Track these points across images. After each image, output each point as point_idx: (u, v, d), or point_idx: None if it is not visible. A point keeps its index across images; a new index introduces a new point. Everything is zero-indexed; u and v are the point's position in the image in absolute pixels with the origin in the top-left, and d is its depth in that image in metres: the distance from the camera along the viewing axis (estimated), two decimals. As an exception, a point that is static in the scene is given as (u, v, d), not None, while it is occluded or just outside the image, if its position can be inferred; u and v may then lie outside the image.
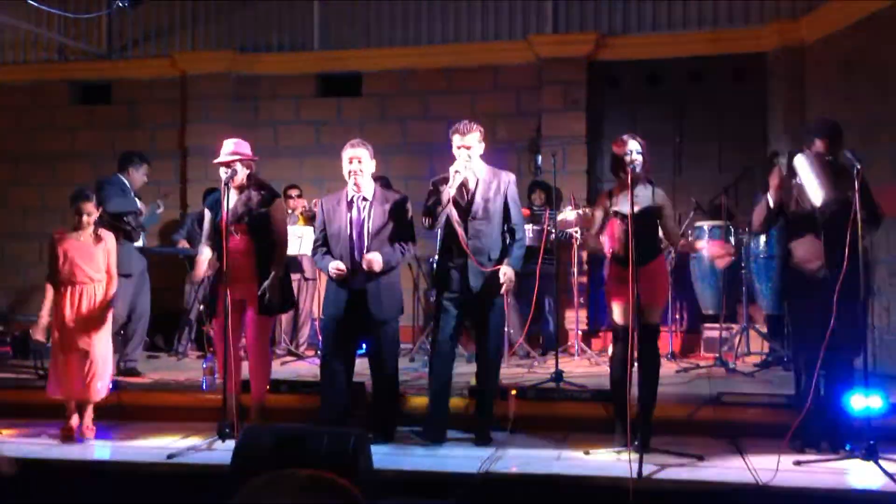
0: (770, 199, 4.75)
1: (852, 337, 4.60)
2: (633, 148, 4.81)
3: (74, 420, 5.25)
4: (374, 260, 4.97)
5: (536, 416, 5.44)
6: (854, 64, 7.30)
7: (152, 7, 8.88)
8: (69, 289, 5.26)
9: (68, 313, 5.24)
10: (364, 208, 5.11)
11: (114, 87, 9.59)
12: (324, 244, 5.18)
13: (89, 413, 5.31)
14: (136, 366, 6.67)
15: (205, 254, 5.40)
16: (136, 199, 6.85)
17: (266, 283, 5.18)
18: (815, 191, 4.57)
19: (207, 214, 5.48)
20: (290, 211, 8.05)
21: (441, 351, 5.07)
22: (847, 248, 4.34)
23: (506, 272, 4.94)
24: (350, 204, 5.12)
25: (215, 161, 5.30)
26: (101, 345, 5.30)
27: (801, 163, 4.64)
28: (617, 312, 4.88)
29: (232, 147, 5.31)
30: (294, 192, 8.17)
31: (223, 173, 5.15)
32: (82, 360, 5.20)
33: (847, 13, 7.39)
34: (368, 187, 5.15)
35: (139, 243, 6.77)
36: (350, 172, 5.08)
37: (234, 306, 5.17)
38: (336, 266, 5.01)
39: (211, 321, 5.41)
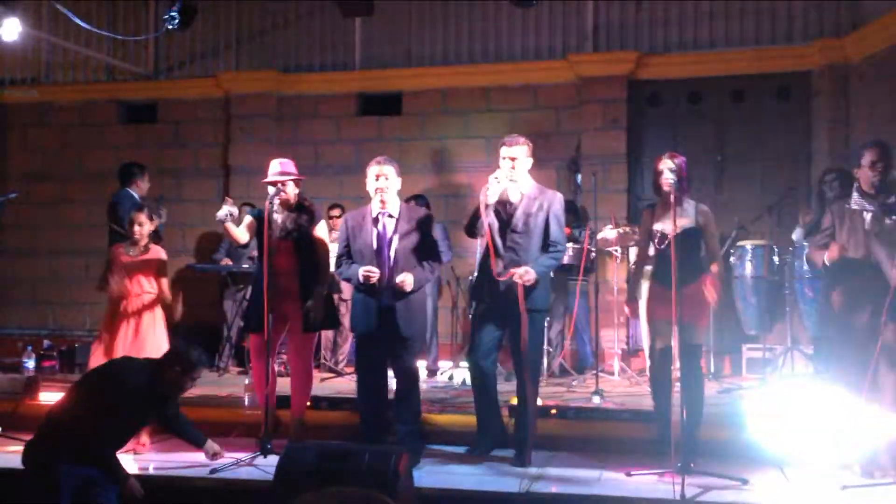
0: (827, 260, 4.68)
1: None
2: (666, 167, 4.80)
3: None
4: (407, 281, 4.99)
5: (577, 437, 5.41)
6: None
7: (197, 29, 9.04)
8: (122, 302, 5.36)
9: (122, 327, 5.33)
10: (390, 225, 5.13)
11: (160, 107, 9.78)
12: (347, 258, 5.21)
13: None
14: None
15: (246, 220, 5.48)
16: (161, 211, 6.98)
17: (311, 301, 5.23)
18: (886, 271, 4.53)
19: (249, 218, 5.50)
20: (333, 231, 8.16)
21: (476, 361, 5.07)
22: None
23: (523, 269, 4.85)
24: (375, 220, 5.14)
25: (264, 180, 5.38)
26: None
27: (864, 215, 4.60)
28: (656, 332, 4.86)
29: (279, 167, 5.38)
30: (335, 213, 8.27)
31: (271, 191, 5.23)
32: None
33: (892, 32, 7.31)
34: (394, 204, 5.17)
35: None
36: (377, 189, 5.10)
37: (276, 323, 5.22)
38: (365, 269, 4.99)
39: (248, 336, 5.46)
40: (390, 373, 5.29)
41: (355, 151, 9.23)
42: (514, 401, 5.24)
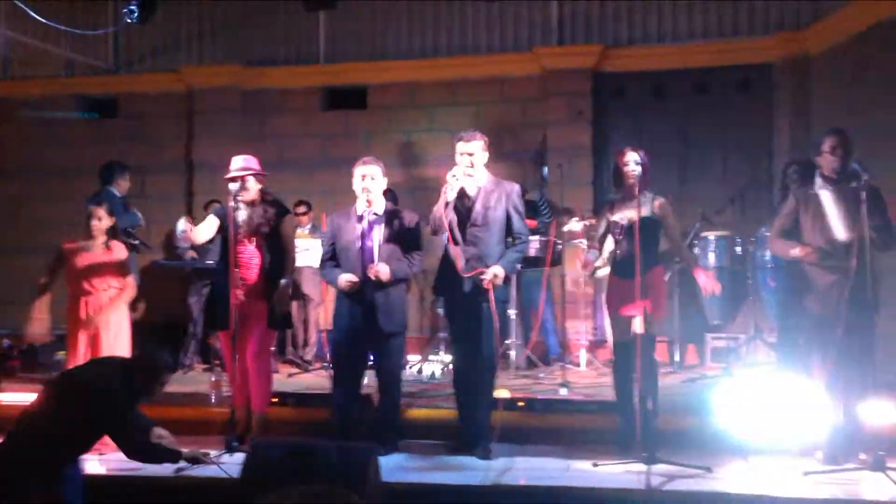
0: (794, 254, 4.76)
1: (864, 349, 4.59)
2: (632, 159, 4.88)
3: None
4: (382, 270, 4.99)
5: (544, 429, 5.44)
6: (859, 75, 7.31)
7: (159, 22, 8.92)
8: (83, 300, 5.29)
9: (80, 325, 5.25)
10: (375, 224, 5.14)
11: (121, 102, 9.64)
12: (332, 258, 5.20)
13: None
14: None
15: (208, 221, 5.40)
16: (138, 213, 6.91)
17: (277, 297, 5.22)
18: (838, 227, 4.60)
19: (212, 217, 5.43)
20: (298, 227, 8.13)
21: (454, 357, 5.11)
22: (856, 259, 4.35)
23: (491, 270, 4.88)
24: (360, 219, 5.15)
25: (226, 176, 5.34)
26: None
27: (826, 199, 4.66)
28: (616, 324, 4.91)
29: (242, 163, 5.34)
30: (301, 209, 8.24)
31: (232, 188, 5.19)
32: None
33: (851, 24, 7.41)
34: (380, 203, 5.19)
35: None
36: (363, 189, 5.12)
37: (241, 319, 5.19)
38: (347, 278, 5.02)
39: (213, 333, 5.41)
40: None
41: (321, 146, 9.18)
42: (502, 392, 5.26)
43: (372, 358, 5.48)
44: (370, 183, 5.11)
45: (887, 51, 6.94)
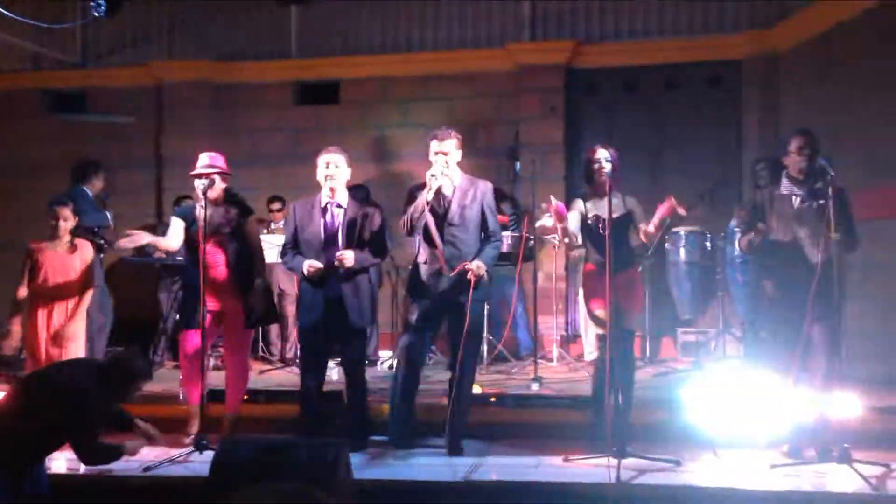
0: (744, 245, 4.80)
1: (830, 343, 4.65)
2: (603, 156, 4.91)
3: None
4: (346, 256, 4.96)
5: (516, 424, 5.46)
6: (825, 73, 7.40)
7: (127, 15, 8.81)
8: (44, 301, 5.21)
9: (42, 326, 5.18)
10: (339, 214, 5.12)
11: (88, 96, 9.52)
12: (294, 247, 5.17)
13: None
14: None
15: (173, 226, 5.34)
16: (108, 213, 6.85)
17: (253, 296, 5.19)
18: (804, 226, 4.65)
19: (177, 221, 5.37)
20: (272, 223, 8.11)
21: (410, 357, 5.03)
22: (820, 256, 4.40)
23: (472, 265, 4.89)
24: (324, 210, 5.12)
25: (191, 173, 5.29)
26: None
27: (793, 198, 4.72)
28: (596, 320, 4.92)
29: (208, 160, 5.29)
30: (276, 206, 8.21)
31: (199, 185, 5.14)
32: None
33: (817, 23, 7.49)
34: (343, 194, 5.17)
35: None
36: (326, 177, 5.10)
37: (212, 318, 5.15)
38: (310, 263, 4.98)
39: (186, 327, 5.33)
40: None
41: (293, 141, 9.14)
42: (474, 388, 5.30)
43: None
44: (333, 170, 5.09)
45: (851, 50, 7.03)
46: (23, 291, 5.30)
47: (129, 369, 4.25)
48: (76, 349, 5.28)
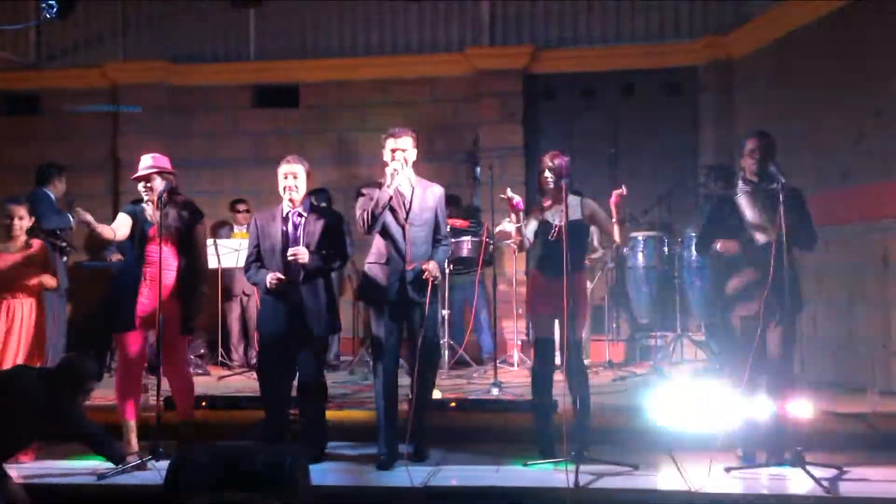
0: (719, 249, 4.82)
1: (784, 347, 4.72)
2: (546, 166, 4.94)
3: None
4: (300, 251, 4.91)
5: (475, 428, 5.46)
6: (778, 79, 7.53)
7: (82, 16, 8.68)
8: (4, 303, 5.11)
9: (7, 330, 5.08)
10: (300, 224, 5.08)
11: (42, 98, 9.36)
12: (257, 259, 5.12)
13: None
14: None
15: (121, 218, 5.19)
16: (70, 216, 6.75)
17: (192, 302, 5.12)
18: (756, 229, 4.71)
19: (124, 217, 5.20)
20: (235, 226, 8.06)
21: (387, 366, 4.95)
22: (772, 262, 4.47)
23: (429, 265, 4.87)
24: (285, 220, 5.09)
25: (133, 176, 5.21)
26: (36, 359, 5.17)
27: (745, 201, 4.77)
28: (540, 325, 4.95)
29: (150, 161, 5.20)
30: (241, 207, 8.17)
31: (141, 188, 5.10)
32: None
33: (772, 29, 7.63)
34: (303, 203, 5.13)
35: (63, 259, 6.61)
36: (285, 188, 5.07)
37: (146, 321, 5.05)
38: (274, 275, 4.95)
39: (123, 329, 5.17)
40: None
41: (252, 144, 9.07)
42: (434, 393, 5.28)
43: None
44: (293, 181, 5.05)
45: (806, 56, 7.17)
46: None
47: (78, 371, 4.20)
48: (34, 348, 5.18)
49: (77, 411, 4.44)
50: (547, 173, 4.92)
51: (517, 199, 4.89)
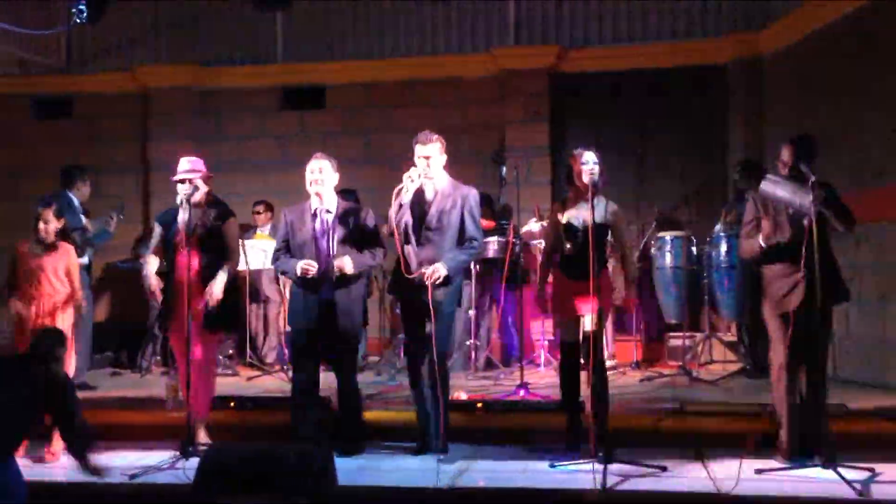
0: (762, 242, 4.75)
1: (819, 347, 4.65)
2: (590, 159, 4.87)
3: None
4: (346, 264, 4.97)
5: (502, 429, 5.45)
6: (809, 76, 7.44)
7: (113, 21, 8.79)
8: (32, 303, 5.19)
9: (27, 328, 5.16)
10: (328, 220, 5.12)
11: (75, 102, 9.50)
12: (286, 252, 5.17)
13: (56, 435, 5.21)
14: (86, 380, 6.68)
15: (151, 264, 5.32)
16: (82, 216, 6.85)
17: (209, 297, 5.14)
18: (795, 201, 4.62)
19: (158, 228, 5.39)
20: (258, 228, 8.10)
21: (413, 364, 5.02)
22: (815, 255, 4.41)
23: (432, 268, 4.85)
24: (314, 216, 5.14)
25: (174, 178, 5.28)
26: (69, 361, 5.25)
27: (769, 187, 4.70)
28: (565, 324, 4.93)
29: (189, 165, 5.28)
30: (259, 209, 8.21)
31: (181, 190, 5.15)
32: None
33: (801, 27, 7.54)
34: (331, 199, 5.17)
35: (85, 260, 6.67)
36: (311, 183, 5.12)
37: (186, 322, 5.12)
38: (305, 263, 4.97)
39: (165, 335, 5.36)
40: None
41: (279, 146, 9.14)
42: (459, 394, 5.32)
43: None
44: (318, 176, 5.11)
45: (835, 52, 7.08)
46: (8, 293, 5.30)
47: (46, 337, 4.28)
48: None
49: (71, 384, 4.45)
50: (591, 165, 4.82)
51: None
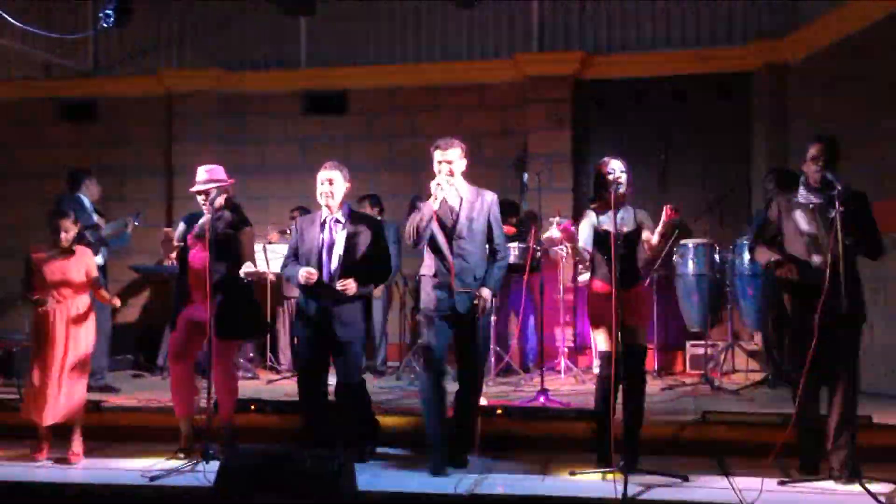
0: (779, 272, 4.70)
1: (843, 358, 4.58)
2: (617, 167, 4.84)
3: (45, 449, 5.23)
4: (350, 286, 4.94)
5: (522, 436, 5.43)
6: (835, 83, 7.38)
7: (138, 25, 8.86)
8: (50, 311, 5.22)
9: (50, 332, 5.19)
10: (336, 230, 5.10)
11: (99, 105, 9.58)
12: (294, 259, 5.18)
13: (77, 436, 5.25)
14: (107, 382, 6.74)
15: (178, 231, 5.41)
16: (94, 214, 6.89)
17: (228, 306, 5.15)
18: (816, 237, 4.59)
19: (182, 226, 5.44)
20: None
21: (435, 375, 4.91)
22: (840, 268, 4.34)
23: (483, 294, 4.86)
24: (323, 225, 5.13)
25: (191, 189, 5.30)
26: (85, 364, 5.29)
27: (800, 219, 4.66)
28: (605, 335, 4.86)
29: (206, 175, 5.29)
30: (296, 213, 8.24)
31: (200, 201, 5.20)
32: (67, 380, 5.16)
33: (827, 34, 7.48)
34: (342, 210, 5.14)
35: (99, 260, 6.67)
36: (321, 194, 5.10)
37: (195, 326, 5.12)
38: (306, 271, 4.97)
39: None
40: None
41: (301, 150, 9.16)
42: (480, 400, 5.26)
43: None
44: (328, 188, 5.08)
45: (861, 60, 7.01)
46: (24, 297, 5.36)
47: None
48: (87, 346, 5.32)
49: None
50: (618, 173, 4.79)
51: (568, 224, 4.86)
